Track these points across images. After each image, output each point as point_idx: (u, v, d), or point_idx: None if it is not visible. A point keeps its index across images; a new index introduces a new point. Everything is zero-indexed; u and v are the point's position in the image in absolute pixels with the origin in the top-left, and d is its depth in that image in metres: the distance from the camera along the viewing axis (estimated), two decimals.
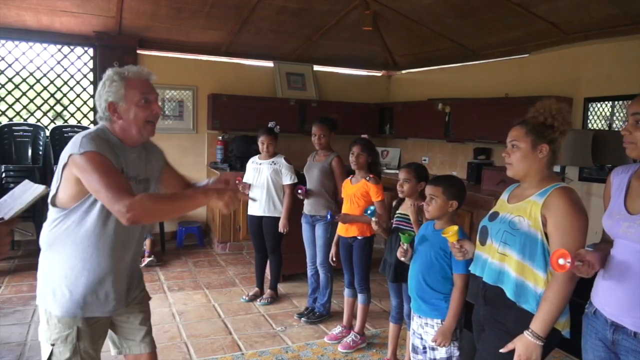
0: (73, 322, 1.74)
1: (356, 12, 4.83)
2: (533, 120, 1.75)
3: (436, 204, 2.19)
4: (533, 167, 1.74)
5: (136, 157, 1.81)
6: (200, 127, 5.95)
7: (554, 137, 1.73)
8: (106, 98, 1.73)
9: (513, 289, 1.69)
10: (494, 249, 1.77)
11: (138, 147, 1.82)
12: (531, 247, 1.67)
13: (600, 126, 4.29)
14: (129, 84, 1.73)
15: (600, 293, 1.63)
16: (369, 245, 3.26)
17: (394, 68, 6.67)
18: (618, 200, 1.62)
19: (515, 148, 1.76)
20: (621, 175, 1.68)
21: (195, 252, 5.53)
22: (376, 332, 3.55)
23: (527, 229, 1.68)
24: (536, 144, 1.72)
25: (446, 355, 2.18)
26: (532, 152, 1.73)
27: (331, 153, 3.67)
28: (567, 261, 1.43)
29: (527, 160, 1.74)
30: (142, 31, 5.27)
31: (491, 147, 5.10)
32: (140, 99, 1.74)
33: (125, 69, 1.77)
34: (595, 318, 1.64)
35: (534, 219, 1.68)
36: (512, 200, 1.82)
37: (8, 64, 5.16)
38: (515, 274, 1.69)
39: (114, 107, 1.73)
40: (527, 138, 1.73)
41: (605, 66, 4.04)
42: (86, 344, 1.77)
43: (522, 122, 1.78)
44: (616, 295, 1.55)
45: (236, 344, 3.30)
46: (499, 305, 1.75)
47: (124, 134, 1.76)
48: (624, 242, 1.56)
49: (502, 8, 4.08)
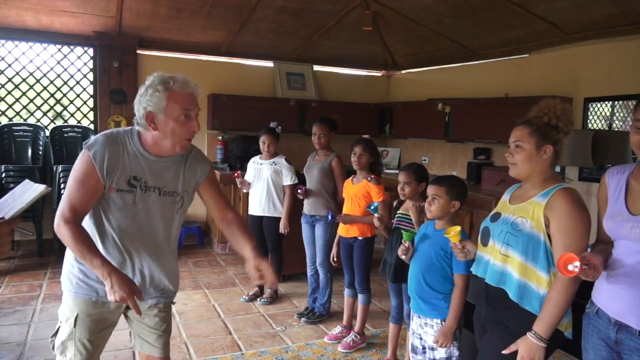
0: (75, 306, 1.79)
1: (356, 12, 4.83)
2: (537, 121, 1.72)
3: (439, 204, 2.19)
4: (536, 167, 1.72)
5: (162, 168, 1.77)
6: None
7: (557, 138, 1.71)
8: (145, 106, 1.67)
9: (516, 290, 1.69)
10: (496, 250, 1.76)
11: (169, 157, 1.78)
12: (534, 249, 1.66)
13: (600, 126, 4.29)
14: (172, 97, 1.66)
15: (603, 293, 1.62)
16: (369, 246, 3.26)
17: (394, 68, 6.67)
18: (618, 201, 1.61)
19: (519, 148, 1.73)
20: (617, 176, 1.66)
21: (195, 252, 5.53)
22: (376, 332, 3.55)
23: (529, 230, 1.67)
24: (540, 145, 1.70)
25: (446, 355, 2.17)
26: (536, 153, 1.71)
27: (331, 153, 3.67)
28: (575, 266, 1.41)
29: (530, 161, 1.72)
30: (142, 31, 5.27)
31: (491, 147, 5.10)
32: (180, 114, 1.68)
33: (171, 79, 1.69)
34: (597, 318, 1.64)
35: (536, 220, 1.67)
36: (514, 201, 1.81)
37: (8, 64, 5.15)
38: (518, 276, 1.69)
39: (152, 118, 1.67)
40: (532, 139, 1.71)
41: (605, 66, 4.04)
42: (82, 332, 1.79)
43: (525, 121, 1.75)
44: (621, 295, 1.55)
45: (236, 344, 3.30)
46: (502, 306, 1.74)
47: (155, 144, 1.73)
48: (626, 243, 1.55)
49: (502, 8, 4.08)
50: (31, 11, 4.63)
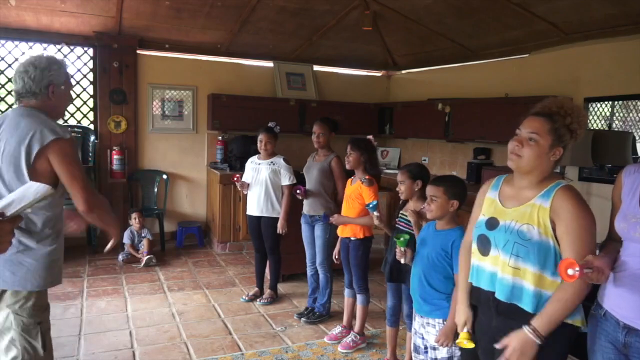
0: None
1: (356, 12, 4.83)
2: (559, 119, 1.60)
3: (438, 204, 2.19)
4: (540, 167, 1.62)
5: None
6: (200, 127, 5.95)
7: (568, 142, 1.62)
8: (50, 80, 1.95)
9: (533, 302, 1.59)
10: (503, 262, 1.65)
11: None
12: (545, 256, 1.58)
13: (600, 126, 4.29)
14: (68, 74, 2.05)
15: (612, 296, 1.58)
16: (364, 247, 3.26)
17: (394, 68, 6.67)
18: (632, 201, 1.54)
19: (532, 142, 1.60)
20: (634, 175, 1.58)
21: (195, 252, 5.53)
22: (376, 332, 3.55)
23: (538, 238, 1.59)
24: (554, 145, 1.60)
25: (447, 355, 2.17)
26: (547, 152, 1.60)
27: (331, 153, 3.67)
28: (576, 270, 1.38)
29: (539, 159, 1.60)
30: (142, 31, 5.27)
31: (491, 147, 5.10)
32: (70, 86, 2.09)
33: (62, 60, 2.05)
34: (605, 320, 1.59)
35: (543, 226, 1.58)
36: (509, 202, 1.70)
37: (8, 64, 5.15)
38: (534, 287, 1.60)
39: (53, 89, 1.96)
40: (549, 136, 1.59)
41: (605, 66, 4.04)
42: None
43: (547, 115, 1.62)
44: (630, 298, 1.51)
45: (236, 344, 3.29)
46: (515, 316, 1.63)
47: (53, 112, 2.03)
48: (638, 246, 1.50)
49: (502, 8, 4.08)
50: (31, 11, 4.63)
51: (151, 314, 3.67)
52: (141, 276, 4.64)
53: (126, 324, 3.53)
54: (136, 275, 4.66)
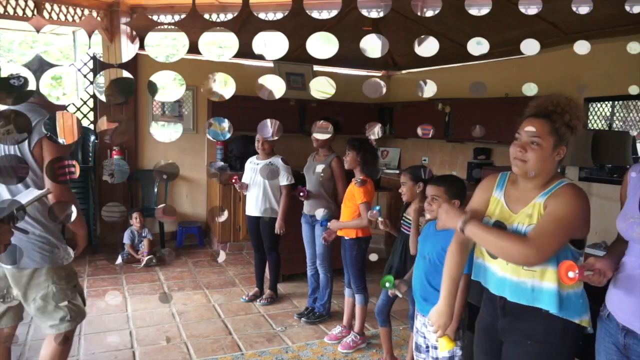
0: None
1: (356, 12, 4.82)
2: (558, 118, 1.57)
3: (439, 204, 2.19)
4: (546, 168, 1.59)
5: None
6: (200, 127, 5.94)
7: (569, 139, 1.59)
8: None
9: (557, 302, 1.54)
10: (516, 267, 1.60)
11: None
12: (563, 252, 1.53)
13: (600, 126, 4.29)
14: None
15: (612, 297, 1.57)
16: (358, 246, 3.25)
17: (394, 68, 6.67)
18: (633, 201, 1.53)
19: (535, 145, 1.56)
20: (639, 175, 1.56)
21: (195, 252, 5.53)
22: (376, 332, 3.54)
23: None
24: (557, 145, 1.57)
25: (448, 354, 2.17)
26: (551, 153, 1.57)
27: (331, 153, 3.66)
28: (576, 273, 1.36)
29: (544, 161, 1.57)
30: (142, 31, 5.27)
31: (491, 147, 5.10)
32: None
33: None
34: (608, 321, 1.58)
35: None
36: (514, 205, 1.66)
37: None
38: (557, 286, 1.54)
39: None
40: (551, 137, 1.56)
41: (605, 66, 4.04)
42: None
43: (545, 115, 1.59)
44: (627, 300, 1.50)
45: (236, 344, 3.29)
46: (522, 316, 1.62)
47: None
48: (636, 247, 1.50)
49: (502, 8, 4.07)
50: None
51: (151, 314, 3.67)
52: (141, 276, 4.64)
53: (126, 324, 3.53)
54: (136, 276, 4.66)
